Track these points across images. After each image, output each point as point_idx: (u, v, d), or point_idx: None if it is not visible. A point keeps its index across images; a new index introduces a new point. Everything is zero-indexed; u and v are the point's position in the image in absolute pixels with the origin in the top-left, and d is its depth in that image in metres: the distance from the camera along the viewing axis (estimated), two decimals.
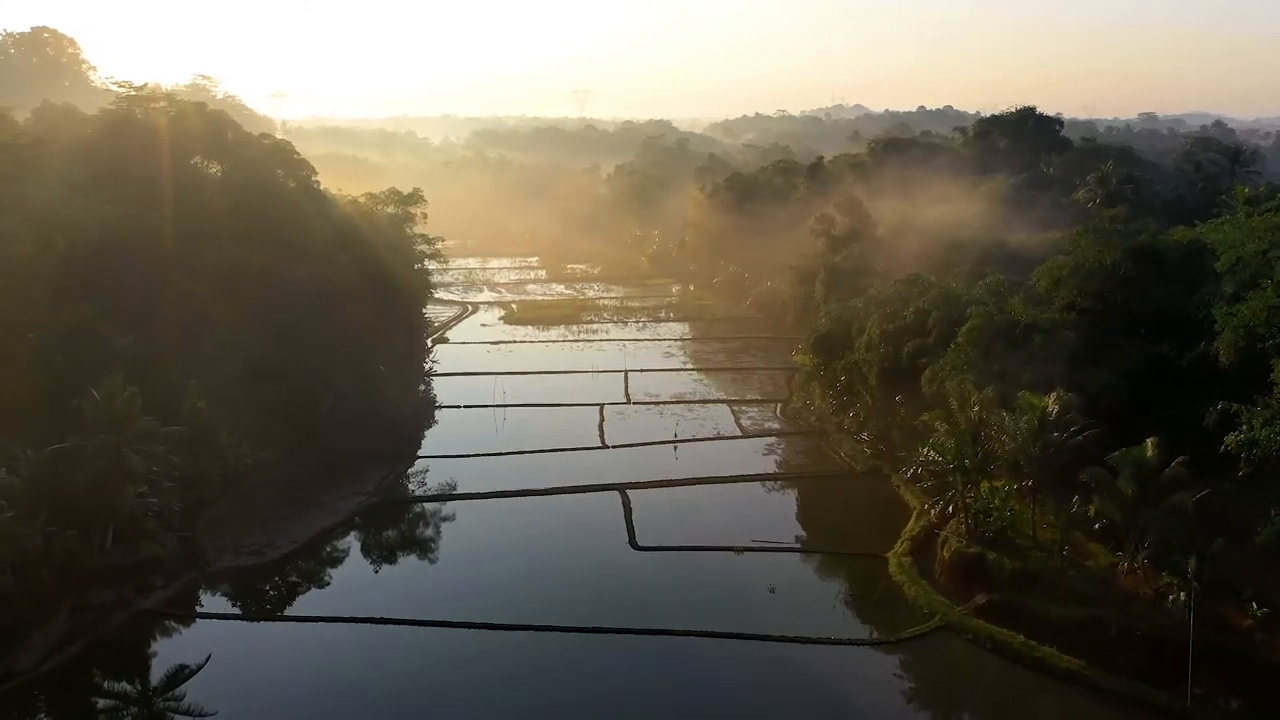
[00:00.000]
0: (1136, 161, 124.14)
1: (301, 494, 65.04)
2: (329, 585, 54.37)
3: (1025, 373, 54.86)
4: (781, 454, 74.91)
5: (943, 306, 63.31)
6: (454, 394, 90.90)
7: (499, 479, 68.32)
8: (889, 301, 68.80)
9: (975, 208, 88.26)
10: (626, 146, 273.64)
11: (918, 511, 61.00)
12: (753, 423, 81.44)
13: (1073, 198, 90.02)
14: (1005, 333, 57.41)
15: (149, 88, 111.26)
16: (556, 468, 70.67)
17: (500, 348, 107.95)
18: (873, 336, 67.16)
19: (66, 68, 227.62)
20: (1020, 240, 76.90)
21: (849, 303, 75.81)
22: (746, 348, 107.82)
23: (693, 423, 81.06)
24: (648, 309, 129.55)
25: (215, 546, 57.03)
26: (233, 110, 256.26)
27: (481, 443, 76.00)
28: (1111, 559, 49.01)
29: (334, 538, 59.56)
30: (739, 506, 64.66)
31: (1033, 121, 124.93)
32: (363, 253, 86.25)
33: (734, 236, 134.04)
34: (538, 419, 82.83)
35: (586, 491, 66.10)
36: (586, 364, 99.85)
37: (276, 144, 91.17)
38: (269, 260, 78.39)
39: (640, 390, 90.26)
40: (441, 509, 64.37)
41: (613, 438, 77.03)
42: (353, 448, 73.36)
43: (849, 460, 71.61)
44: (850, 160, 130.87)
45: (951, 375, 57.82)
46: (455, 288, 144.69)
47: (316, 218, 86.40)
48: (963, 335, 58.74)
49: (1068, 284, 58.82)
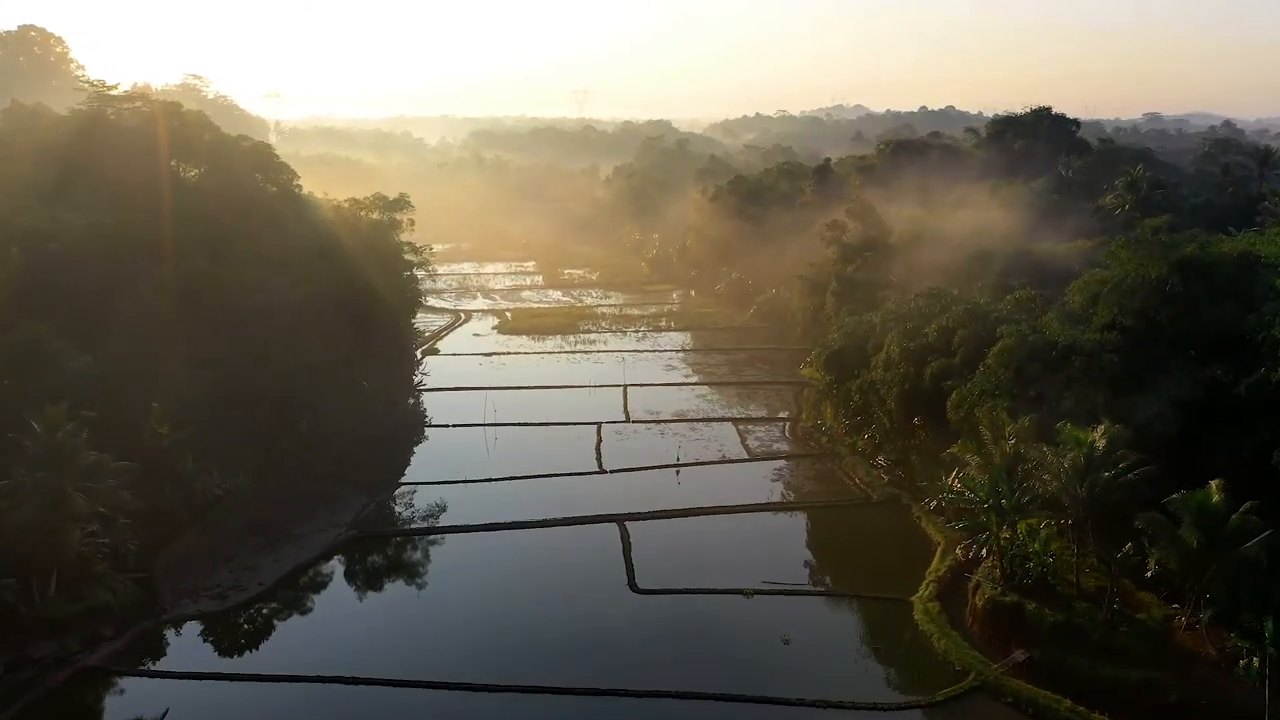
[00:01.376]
0: (1157, 164, 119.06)
1: (273, 526, 59.98)
2: (296, 636, 49.21)
3: (1064, 399, 49.88)
4: (791, 479, 69.86)
5: (969, 324, 58.27)
6: (443, 411, 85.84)
7: (488, 508, 63.30)
8: (908, 317, 63.76)
9: (994, 214, 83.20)
10: (625, 147, 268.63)
11: (942, 548, 56.03)
12: (760, 444, 76.38)
13: (1099, 203, 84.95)
14: (1040, 354, 52.37)
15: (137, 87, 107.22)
16: (550, 495, 65.65)
17: (493, 360, 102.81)
18: (892, 355, 62.12)
19: (54, 67, 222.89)
20: (1047, 250, 71.83)
21: (863, 317, 70.79)
22: (751, 360, 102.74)
23: (696, 444, 76.00)
24: (647, 317, 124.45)
25: (174, 589, 52.00)
26: (224, 110, 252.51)
27: (470, 466, 70.96)
28: (1166, 611, 44.02)
29: (306, 577, 54.46)
30: (747, 540, 59.61)
31: (1048, 122, 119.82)
32: (345, 262, 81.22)
33: (737, 242, 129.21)
34: (531, 439, 77.78)
35: (582, 523, 61.05)
36: (583, 378, 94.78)
37: (255, 146, 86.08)
38: (244, 270, 73.45)
39: (640, 407, 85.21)
40: (424, 543, 59.29)
41: (611, 461, 71.94)
42: (331, 473, 68.39)
43: (864, 487, 66.57)
44: (858, 162, 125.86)
45: (981, 400, 52.81)
46: (448, 294, 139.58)
47: (296, 225, 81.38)
48: (993, 357, 53.70)
49: (1107, 300, 53.78)
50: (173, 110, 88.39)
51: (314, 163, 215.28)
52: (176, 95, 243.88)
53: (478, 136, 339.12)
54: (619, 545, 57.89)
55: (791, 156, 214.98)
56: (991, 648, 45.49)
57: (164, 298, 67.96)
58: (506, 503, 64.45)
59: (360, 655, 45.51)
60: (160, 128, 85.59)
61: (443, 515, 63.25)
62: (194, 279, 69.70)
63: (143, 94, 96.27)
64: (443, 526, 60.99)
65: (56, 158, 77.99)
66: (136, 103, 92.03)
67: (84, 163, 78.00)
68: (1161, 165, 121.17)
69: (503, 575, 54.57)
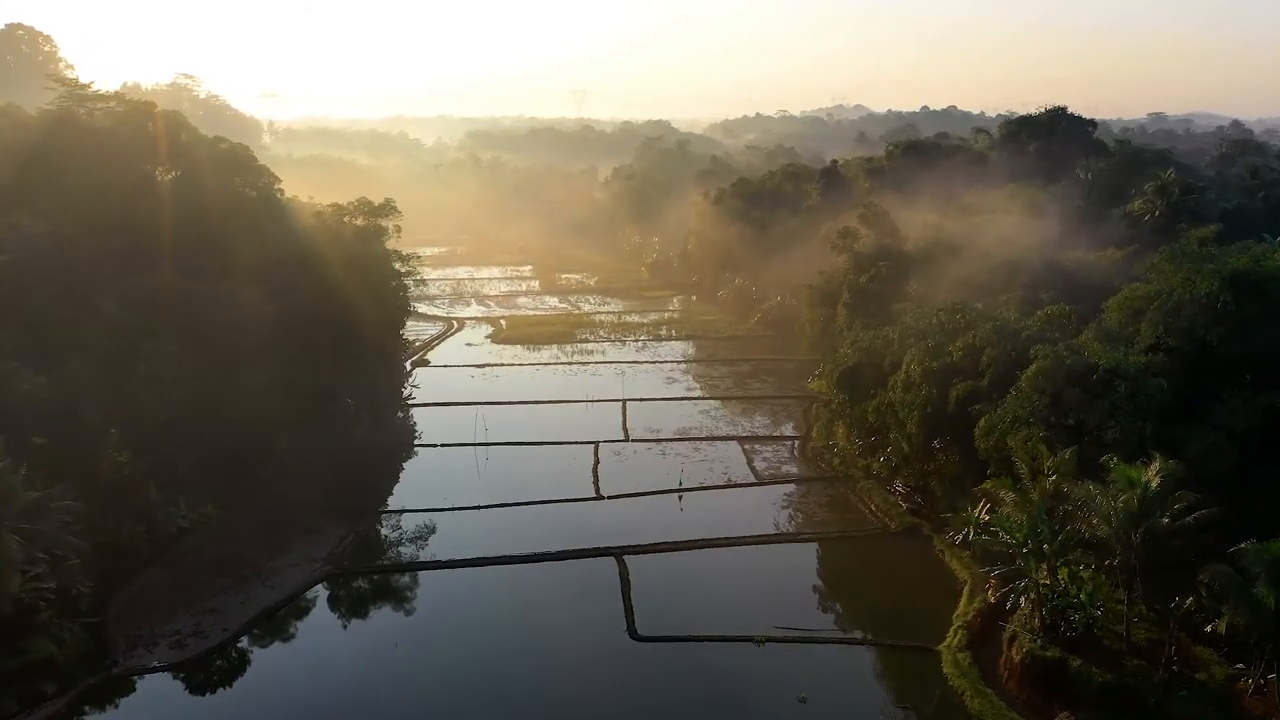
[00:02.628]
0: (1177, 167, 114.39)
1: (243, 561, 55.30)
2: (259, 694, 44.46)
3: (1108, 429, 45.27)
4: (802, 506, 65.15)
5: (997, 343, 53.64)
6: (432, 428, 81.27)
7: (477, 540, 58.77)
8: (929, 334, 59.11)
9: (1015, 220, 78.54)
10: (625, 148, 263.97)
11: (969, 586, 51.44)
12: (768, 465, 71.72)
13: (1127, 209, 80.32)
14: (1079, 378, 47.72)
15: (126, 86, 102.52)
16: (544, 524, 61.03)
17: (486, 372, 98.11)
18: (912, 375, 57.48)
19: (42, 66, 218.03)
20: (1077, 260, 67.08)
21: (879, 331, 66.13)
22: (757, 371, 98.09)
23: (700, 465, 71.35)
24: (647, 325, 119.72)
25: (129, 636, 47.33)
26: (216, 111, 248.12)
27: (459, 491, 66.30)
28: (1229, 671, 39.44)
29: (273, 622, 49.71)
30: (756, 576, 54.98)
31: (1065, 123, 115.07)
32: (326, 271, 76.55)
33: (740, 246, 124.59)
34: (524, 461, 73.14)
35: (578, 558, 56.44)
36: (580, 391, 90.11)
37: (233, 148, 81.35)
38: (218, 281, 68.87)
39: (640, 424, 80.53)
40: (405, 581, 54.61)
41: (609, 485, 67.28)
42: (309, 500, 63.75)
43: (881, 515, 61.95)
44: (866, 164, 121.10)
45: (1014, 428, 48.21)
46: (441, 301, 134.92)
47: (276, 231, 76.71)
48: (1026, 380, 49.05)
49: (1151, 319, 49.15)
50: (146, 110, 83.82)
51: (306, 164, 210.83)
52: (167, 95, 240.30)
53: (474, 137, 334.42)
54: (617, 583, 53.27)
55: (794, 157, 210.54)
56: (1031, 709, 40.90)
57: (130, 312, 63.56)
58: (496, 533, 59.89)
59: None
60: (135, 128, 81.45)
61: (428, 547, 58.61)
62: (163, 291, 65.20)
63: (117, 93, 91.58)
64: (426, 562, 56.27)
65: (19, 161, 73.37)
66: (111, 102, 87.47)
67: (49, 166, 73.41)
68: (1181, 168, 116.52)
69: (490, 622, 49.75)
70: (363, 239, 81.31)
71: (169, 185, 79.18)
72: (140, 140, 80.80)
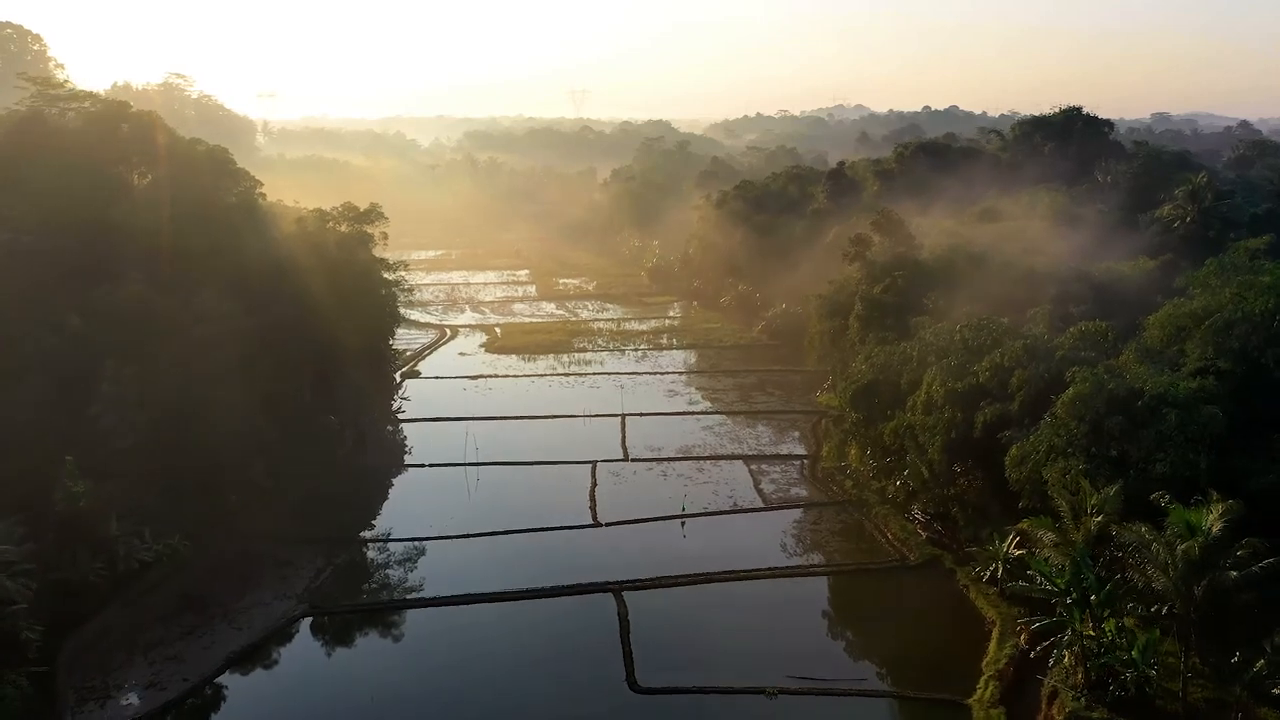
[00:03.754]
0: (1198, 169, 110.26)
1: (210, 599, 51.17)
2: None
3: (1157, 462, 41.06)
4: (814, 534, 60.91)
5: (1028, 363, 49.39)
6: (420, 446, 77.16)
7: (464, 572, 54.63)
8: (951, 351, 54.87)
9: (1037, 226, 74.33)
10: (624, 149, 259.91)
11: (999, 628, 47.25)
12: (776, 488, 67.46)
13: (1156, 215, 76.08)
14: (1122, 405, 43.49)
15: (117, 86, 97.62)
16: (538, 555, 56.88)
17: (479, 384, 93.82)
18: (934, 396, 53.24)
19: (30, 66, 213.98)
20: (1108, 270, 62.81)
21: (896, 347, 61.91)
22: (762, 384, 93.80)
23: (703, 488, 67.12)
24: (647, 333, 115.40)
25: (81, 689, 43.26)
26: (208, 110, 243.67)
27: (448, 517, 62.05)
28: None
29: (238, 671, 45.45)
30: (766, 614, 50.75)
31: (1081, 123, 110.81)
32: (308, 281, 72.36)
33: (743, 251, 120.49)
34: (518, 482, 68.88)
35: (573, 594, 52.23)
36: (577, 405, 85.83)
37: (211, 151, 77.06)
38: (192, 292, 64.75)
39: (640, 442, 76.26)
40: (385, 622, 50.33)
41: (607, 511, 63.02)
42: (285, 529, 59.57)
43: (899, 545, 57.74)
44: (874, 166, 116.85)
45: (1050, 459, 43.99)
46: (434, 308, 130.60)
47: (255, 240, 72.46)
48: (1062, 406, 44.82)
49: (1200, 339, 44.94)
50: (120, 110, 79.50)
51: (299, 165, 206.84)
52: (158, 95, 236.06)
53: (471, 137, 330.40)
54: (615, 623, 49.08)
55: (797, 158, 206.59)
56: None
57: (95, 327, 59.36)
58: (486, 565, 55.77)
59: None
60: (108, 129, 77.23)
61: (411, 581, 54.39)
62: (131, 304, 60.92)
63: (91, 92, 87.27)
64: (408, 600, 52.03)
65: None
66: (85, 102, 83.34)
67: (14, 170, 69.17)
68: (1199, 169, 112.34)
69: (476, 671, 45.45)
70: (347, 246, 77.01)
71: (144, 190, 75.24)
72: (114, 142, 76.71)
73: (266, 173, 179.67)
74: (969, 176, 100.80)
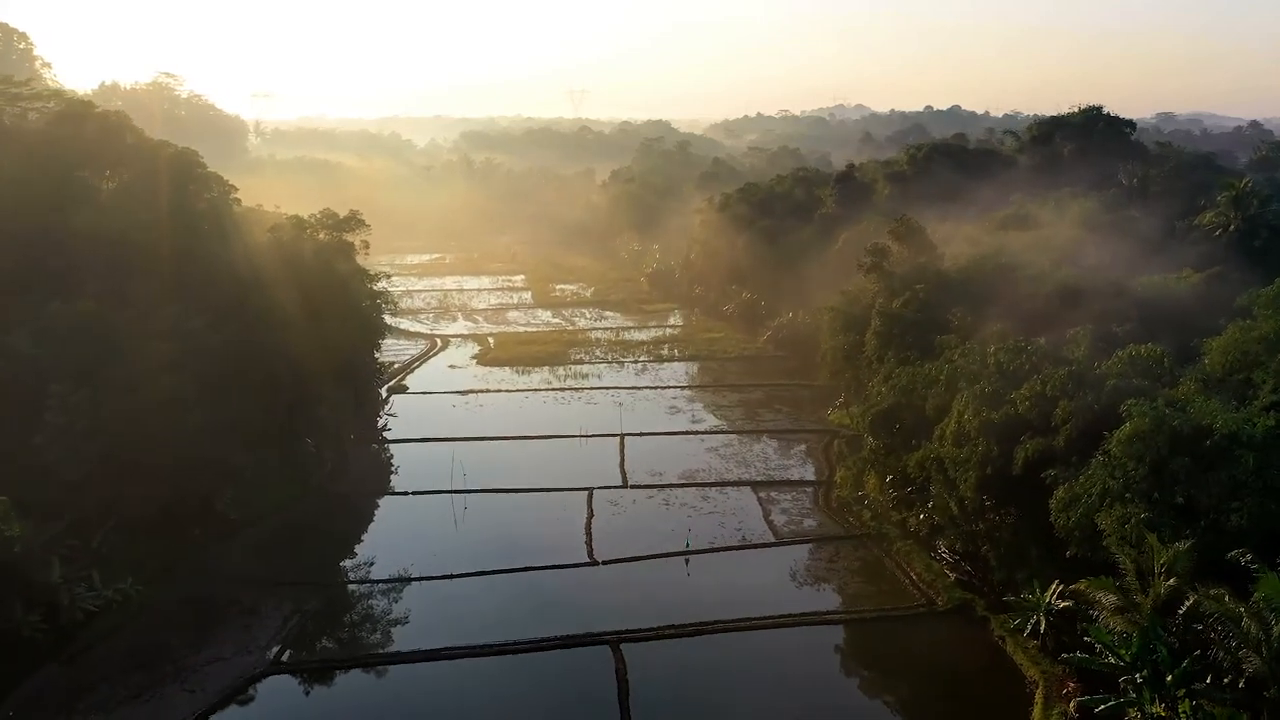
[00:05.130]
0: (1221, 171, 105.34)
1: (164, 654, 45.99)
2: None
3: (1231, 513, 35.93)
4: (831, 574, 55.77)
5: (1075, 393, 44.25)
6: (405, 470, 72.18)
7: (447, 621, 49.50)
8: (984, 376, 49.73)
9: (1066, 235, 69.26)
10: (623, 149, 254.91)
11: (1042, 690, 42.24)
12: (787, 519, 62.35)
13: (1196, 222, 70.99)
14: (1188, 444, 38.36)
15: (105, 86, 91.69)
16: (528, 599, 51.77)
17: (469, 399, 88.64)
18: (966, 426, 48.11)
19: (15, 65, 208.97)
20: (1152, 285, 57.63)
21: (920, 368, 56.80)
22: (769, 399, 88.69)
23: (709, 519, 62.01)
24: (647, 344, 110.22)
25: None
26: (199, 110, 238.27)
27: (430, 554, 56.95)
28: None
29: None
30: (779, 671, 45.56)
31: (1103, 124, 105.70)
32: (284, 293, 67.18)
33: (747, 257, 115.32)
34: (508, 513, 63.73)
35: (566, 646, 47.13)
36: (574, 423, 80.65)
37: (179, 154, 71.84)
38: (153, 306, 59.64)
39: (640, 465, 71.14)
40: (359, 680, 45.18)
41: (604, 546, 57.86)
42: (252, 569, 54.44)
43: (925, 587, 52.60)
44: (885, 169, 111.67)
45: (1105, 505, 38.85)
46: (425, 316, 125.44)
47: (224, 249, 67.34)
48: (1118, 444, 39.66)
49: (1275, 369, 39.78)
50: (84, 110, 74.34)
51: (289, 166, 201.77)
52: (147, 94, 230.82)
53: (468, 138, 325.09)
54: (612, 683, 43.99)
55: (799, 159, 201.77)
56: None
57: (44, 347, 54.20)
58: (472, 611, 50.68)
59: None
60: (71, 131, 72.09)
61: (388, 630, 49.25)
62: (82, 322, 55.70)
63: (56, 91, 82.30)
64: (382, 655, 46.73)
65: None
66: (49, 102, 78.37)
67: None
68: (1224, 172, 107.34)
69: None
70: (324, 256, 71.76)
71: (109, 195, 70.18)
72: (78, 144, 71.60)
73: (254, 174, 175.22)
74: (987, 179, 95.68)
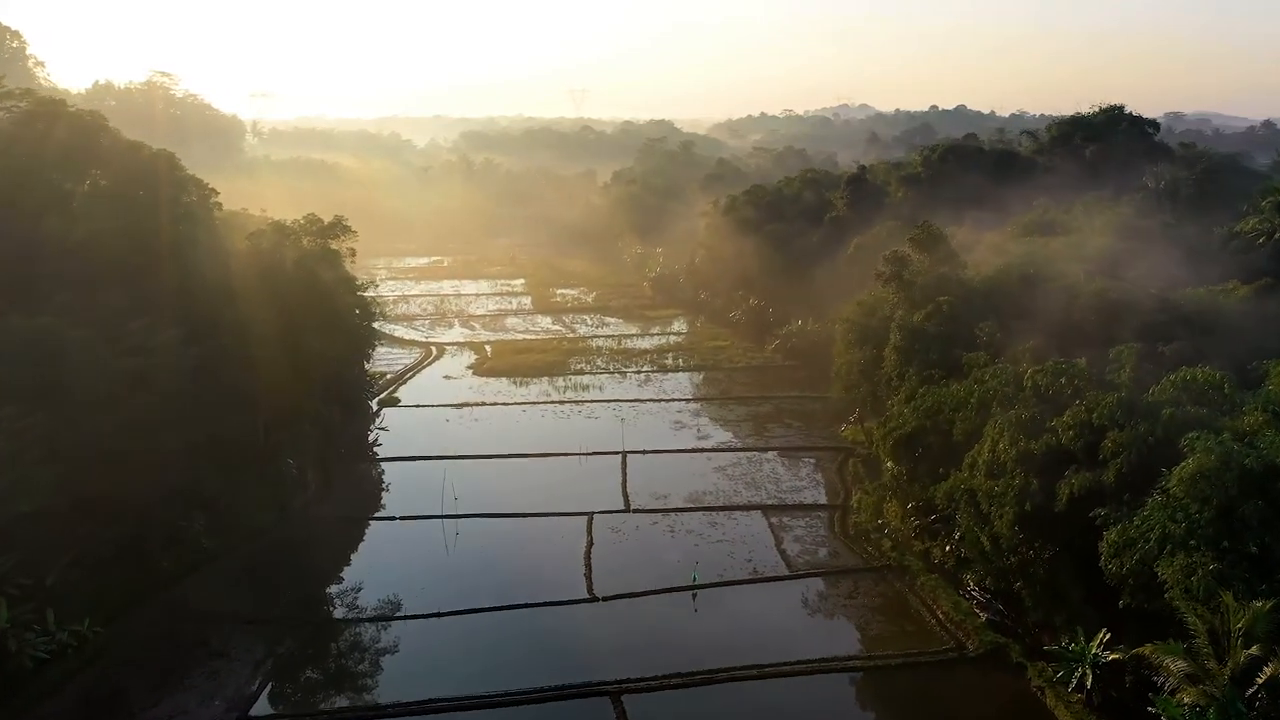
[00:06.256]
0: (1249, 173, 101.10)
1: (119, 706, 42.05)
2: None
3: None
4: (849, 611, 51.54)
5: (1126, 422, 40.01)
6: (394, 490, 68.31)
7: (432, 668, 45.49)
8: (1020, 400, 45.50)
9: (1095, 241, 65.06)
10: (625, 149, 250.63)
11: None
12: (801, 548, 58.16)
13: (1236, 229, 66.77)
14: (1260, 484, 34.18)
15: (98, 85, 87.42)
16: (522, 641, 47.70)
17: (464, 413, 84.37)
18: (1001, 456, 43.91)
19: (9, 64, 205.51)
20: (1198, 299, 53.32)
21: (945, 388, 52.60)
22: (779, 412, 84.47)
23: (717, 548, 57.83)
24: (651, 353, 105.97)
25: None
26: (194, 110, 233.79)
27: (418, 588, 52.90)
28: None
29: None
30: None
31: (1125, 124, 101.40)
32: (264, 304, 63.06)
33: (754, 262, 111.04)
34: (502, 540, 59.56)
35: (562, 698, 42.98)
36: (573, 440, 76.47)
37: (155, 156, 67.66)
38: (124, 320, 55.49)
39: (643, 486, 66.97)
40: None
41: (605, 580, 53.62)
42: (224, 606, 50.28)
43: (953, 628, 48.38)
44: (898, 171, 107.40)
45: (1167, 552, 34.62)
46: (421, 322, 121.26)
47: (202, 256, 63.18)
48: (1180, 483, 35.45)
49: None
50: (55, 109, 70.18)
51: (283, 167, 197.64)
52: (141, 94, 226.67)
53: (467, 138, 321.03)
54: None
55: (805, 159, 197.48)
56: None
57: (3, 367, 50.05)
58: (461, 655, 46.66)
59: None
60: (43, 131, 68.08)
61: (368, 676, 45.17)
62: (38, 338, 51.49)
63: (27, 89, 77.95)
64: (361, 708, 42.57)
65: None
66: (20, 100, 74.18)
67: None
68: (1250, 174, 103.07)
69: None
70: (307, 264, 67.56)
71: (82, 200, 66.06)
72: (50, 145, 67.55)
73: (248, 175, 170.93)
74: (1006, 182, 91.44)
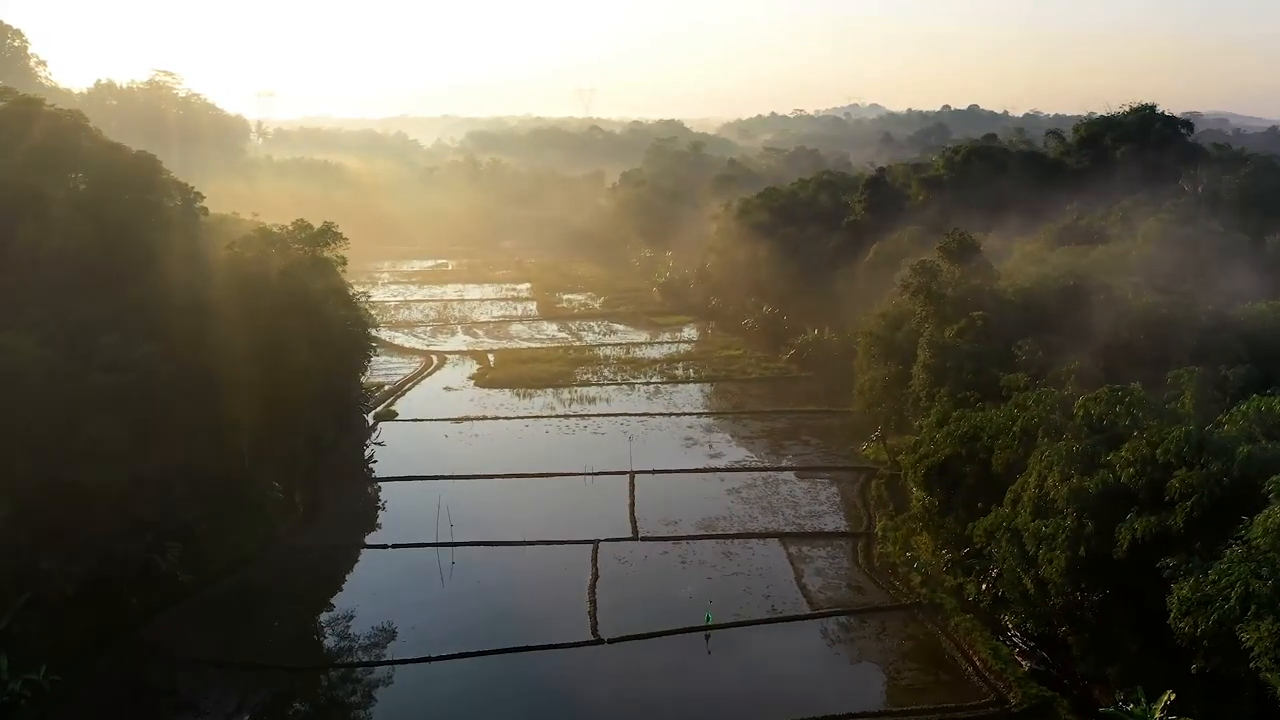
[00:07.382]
0: None
1: None
2: None
3: None
4: (878, 655, 47.33)
5: (1195, 460, 35.71)
6: (388, 513, 64.48)
7: None
8: (1070, 430, 41.23)
9: (1138, 251, 60.60)
10: (634, 150, 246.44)
11: None
12: (823, 581, 53.92)
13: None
14: None
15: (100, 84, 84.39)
16: (520, 691, 43.74)
17: (463, 428, 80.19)
18: (1052, 494, 39.63)
19: (9, 63, 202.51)
20: (1257, 315, 48.78)
21: (982, 412, 48.31)
22: (795, 428, 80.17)
23: (732, 581, 53.64)
24: (660, 362, 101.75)
25: None
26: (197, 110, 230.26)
27: (410, 627, 48.93)
28: None
29: None
30: None
31: (1159, 124, 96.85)
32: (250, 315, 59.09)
33: (768, 267, 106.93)
34: (501, 572, 55.50)
35: None
36: (578, 458, 72.27)
37: (136, 159, 63.77)
38: (96, 334, 51.64)
39: (651, 511, 62.77)
40: None
41: (611, 619, 49.41)
42: (197, 648, 46.28)
43: (992, 677, 44.11)
44: (919, 173, 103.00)
45: (1251, 614, 30.32)
46: (422, 329, 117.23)
47: (182, 267, 59.25)
48: (1265, 534, 31.20)
49: None
50: (32, 109, 66.40)
51: (285, 169, 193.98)
52: (143, 94, 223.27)
53: (474, 138, 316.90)
54: None
55: (818, 160, 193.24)
56: None
57: None
58: (453, 706, 42.73)
59: None
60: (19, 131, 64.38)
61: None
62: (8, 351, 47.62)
63: (5, 88, 74.27)
64: None
65: None
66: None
67: None
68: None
69: None
70: (294, 274, 63.53)
71: (60, 206, 62.24)
72: (27, 146, 63.84)
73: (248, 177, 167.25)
74: (1034, 185, 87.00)
